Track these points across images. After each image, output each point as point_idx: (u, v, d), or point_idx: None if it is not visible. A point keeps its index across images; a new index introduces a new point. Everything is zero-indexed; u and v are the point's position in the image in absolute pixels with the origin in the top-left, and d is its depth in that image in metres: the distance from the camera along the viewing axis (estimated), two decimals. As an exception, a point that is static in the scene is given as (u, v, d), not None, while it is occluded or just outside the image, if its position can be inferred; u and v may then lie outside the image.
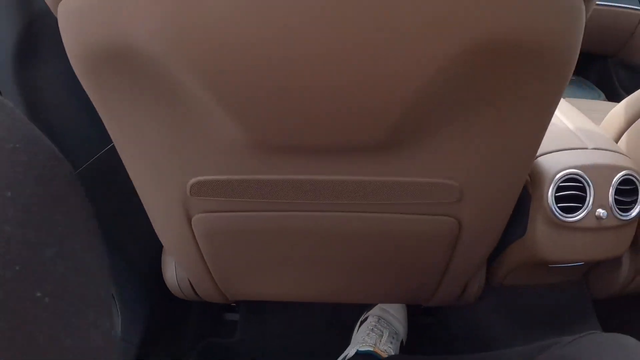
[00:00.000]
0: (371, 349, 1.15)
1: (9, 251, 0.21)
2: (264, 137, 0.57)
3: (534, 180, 0.86)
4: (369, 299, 1.04)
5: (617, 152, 0.89)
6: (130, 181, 0.70)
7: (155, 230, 0.79)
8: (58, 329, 0.23)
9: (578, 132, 0.95)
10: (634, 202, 0.86)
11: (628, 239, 0.91)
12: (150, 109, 0.56)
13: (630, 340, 0.53)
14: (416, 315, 1.29)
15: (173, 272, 0.99)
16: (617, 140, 1.00)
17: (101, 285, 0.29)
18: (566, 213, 0.84)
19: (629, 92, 1.06)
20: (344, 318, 1.30)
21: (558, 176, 0.83)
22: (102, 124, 0.81)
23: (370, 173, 0.64)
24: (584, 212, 0.83)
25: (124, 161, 0.65)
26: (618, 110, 1.04)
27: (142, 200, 0.72)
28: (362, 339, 1.19)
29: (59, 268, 0.25)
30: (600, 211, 0.83)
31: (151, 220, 0.77)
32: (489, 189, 0.67)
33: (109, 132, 0.60)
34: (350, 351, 1.16)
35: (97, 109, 0.57)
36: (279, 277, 0.89)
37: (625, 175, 0.84)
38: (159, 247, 1.02)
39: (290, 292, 0.96)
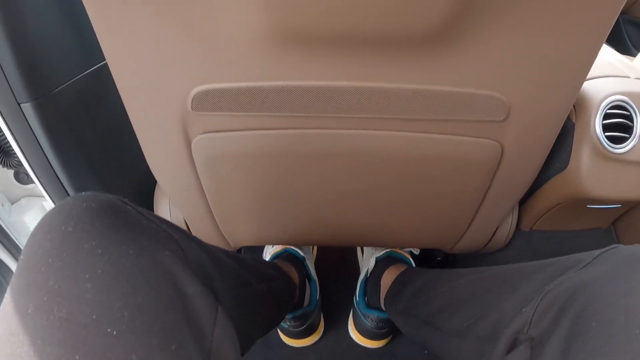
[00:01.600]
0: (388, 250, 1.08)
1: None
2: (291, 20, 0.47)
3: (578, 106, 0.79)
4: (389, 243, 0.94)
5: (660, 85, 0.83)
6: (119, 110, 0.62)
7: (148, 162, 0.70)
8: None
9: (616, 62, 0.88)
10: (681, 137, 0.79)
11: (673, 178, 0.83)
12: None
13: None
14: (431, 265, 1.20)
15: (167, 214, 0.90)
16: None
17: None
18: (613, 143, 0.77)
19: (638, 49, 1.01)
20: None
21: (606, 102, 0.77)
22: (88, 42, 0.71)
23: (410, 80, 0.54)
24: (632, 143, 0.77)
25: (115, 77, 0.56)
26: None
27: (134, 126, 0.64)
28: (370, 253, 1.12)
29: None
30: None
31: (144, 150, 0.68)
32: (536, 108, 0.59)
33: (102, 41, 0.52)
34: (368, 265, 1.08)
35: (89, 9, 0.49)
36: (288, 216, 0.79)
37: (672, 107, 0.78)
38: (151, 184, 0.92)
39: (301, 234, 0.85)
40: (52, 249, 0.36)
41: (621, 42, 1.81)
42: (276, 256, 1.06)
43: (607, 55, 0.92)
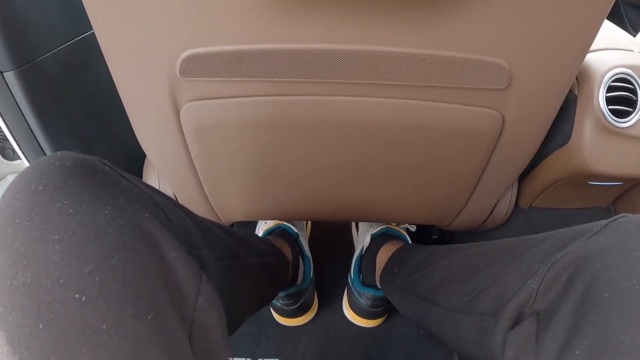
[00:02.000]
0: (384, 226, 1.06)
1: None
2: None
3: (581, 78, 0.77)
4: (384, 217, 0.92)
5: (664, 60, 0.81)
6: (106, 82, 0.60)
7: (136, 133, 0.68)
8: None
9: (620, 37, 0.87)
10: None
11: (676, 155, 0.81)
12: None
13: None
14: (426, 243, 1.19)
15: (156, 187, 0.87)
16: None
17: None
18: (616, 117, 0.75)
19: (637, 31, 1.00)
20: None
21: (610, 74, 0.75)
22: (74, 10, 0.69)
23: (409, 43, 0.52)
24: (636, 118, 0.75)
25: (102, 44, 0.54)
26: None
27: (121, 95, 0.61)
28: (366, 229, 1.10)
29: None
30: None
31: (131, 121, 0.66)
32: (539, 77, 0.57)
33: (87, 6, 0.49)
34: (364, 242, 1.06)
35: None
36: (280, 188, 0.76)
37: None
38: (140, 158, 0.90)
39: (294, 208, 0.83)
40: (20, 209, 0.33)
41: (620, 23, 1.80)
42: (269, 232, 1.03)
43: (611, 29, 0.90)
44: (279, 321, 1.07)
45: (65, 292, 0.30)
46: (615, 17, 1.83)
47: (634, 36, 0.96)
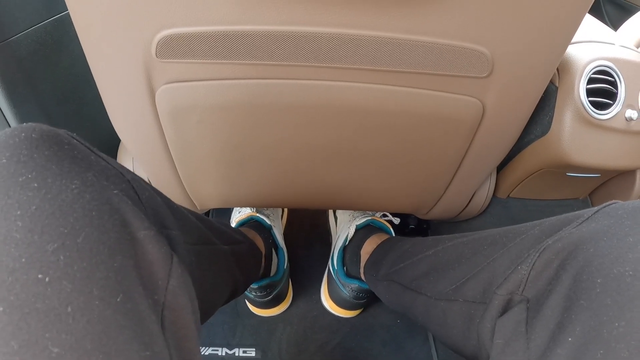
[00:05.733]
0: (369, 217, 1.05)
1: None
2: None
3: (562, 70, 0.77)
4: (361, 205, 0.91)
5: (643, 54, 0.82)
6: (80, 64, 0.58)
7: (110, 116, 0.66)
8: None
9: (601, 30, 0.88)
10: (664, 107, 0.80)
11: (653, 148, 0.82)
12: None
13: None
14: (404, 233, 1.19)
15: (130, 172, 0.85)
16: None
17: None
18: (596, 109, 0.76)
19: (616, 27, 1.05)
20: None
21: (591, 66, 0.75)
22: None
23: (391, 28, 0.51)
24: (615, 110, 0.76)
25: (76, 23, 0.52)
26: (634, 21, 1.01)
27: (95, 77, 0.59)
28: (348, 219, 1.09)
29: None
30: (631, 112, 0.76)
31: (105, 103, 0.64)
32: (520, 67, 0.57)
33: None
34: (347, 233, 1.04)
35: None
36: (256, 173, 0.75)
37: (655, 77, 0.77)
38: (114, 142, 0.88)
39: (269, 195, 0.82)
40: None
41: (600, 19, 1.83)
42: (242, 224, 1.02)
43: (592, 23, 0.92)
44: (254, 311, 1.07)
45: (28, 272, 0.28)
46: (596, 13, 1.86)
47: (614, 29, 0.98)
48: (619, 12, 1.77)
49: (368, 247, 0.96)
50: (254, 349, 1.03)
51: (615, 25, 1.75)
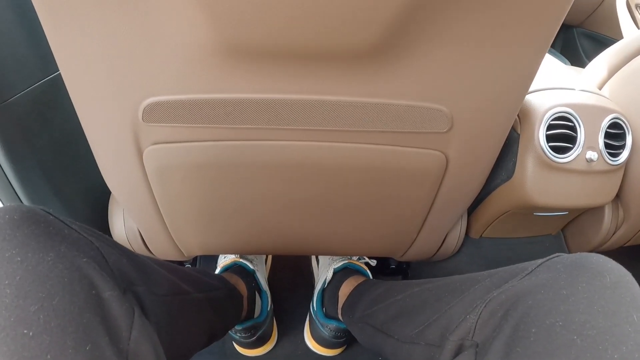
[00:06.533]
0: (346, 261, 1.09)
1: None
2: (237, 36, 0.48)
3: (523, 117, 0.81)
4: (339, 251, 0.96)
5: (603, 97, 0.86)
6: (73, 121, 0.61)
7: (101, 171, 0.70)
8: None
9: (562, 75, 0.91)
10: (622, 147, 0.83)
11: (615, 185, 0.87)
12: (107, 11, 0.48)
13: (593, 259, 0.48)
14: (385, 273, 1.22)
15: (122, 224, 0.89)
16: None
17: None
18: (557, 153, 0.79)
19: (590, 60, 1.06)
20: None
21: (550, 113, 0.79)
22: (44, 51, 0.71)
23: (354, 92, 0.55)
24: (575, 153, 0.79)
25: (69, 88, 0.57)
26: (598, 62, 1.02)
27: (87, 136, 0.64)
28: (327, 262, 1.13)
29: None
30: (591, 153, 0.79)
31: (97, 160, 0.68)
32: (479, 120, 0.60)
33: (55, 52, 0.52)
34: (326, 276, 1.09)
35: (44, 22, 0.49)
36: (237, 225, 0.79)
37: (614, 118, 0.81)
38: (106, 195, 0.91)
39: (251, 244, 0.86)
40: None
41: (575, 54, 1.89)
42: (226, 269, 1.06)
43: (554, 67, 0.95)
44: (240, 352, 1.09)
45: (16, 329, 0.37)
46: (571, 47, 1.91)
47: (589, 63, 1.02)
48: (593, 45, 1.82)
49: (345, 289, 1.01)
50: (242, 388, 1.05)
51: (590, 57, 1.79)
